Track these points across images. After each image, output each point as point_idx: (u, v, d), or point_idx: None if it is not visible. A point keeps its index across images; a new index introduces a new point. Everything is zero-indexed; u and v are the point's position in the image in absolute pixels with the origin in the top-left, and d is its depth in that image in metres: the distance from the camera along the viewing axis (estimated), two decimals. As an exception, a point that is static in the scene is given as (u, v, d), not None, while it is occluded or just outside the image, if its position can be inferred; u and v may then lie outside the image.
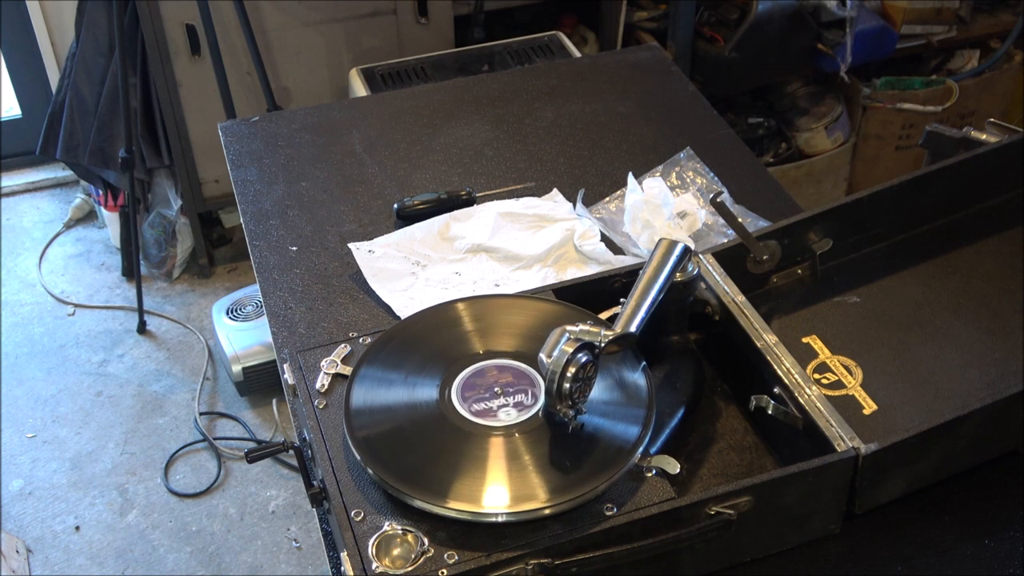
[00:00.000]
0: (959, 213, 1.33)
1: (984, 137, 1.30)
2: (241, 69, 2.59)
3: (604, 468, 0.96)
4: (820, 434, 1.02)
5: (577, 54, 2.51)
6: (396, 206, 1.48)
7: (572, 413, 0.98)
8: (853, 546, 1.05)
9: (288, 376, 1.12)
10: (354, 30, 2.63)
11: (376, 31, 2.64)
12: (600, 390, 1.02)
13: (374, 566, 0.91)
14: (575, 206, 1.47)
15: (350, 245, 1.41)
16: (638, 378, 1.04)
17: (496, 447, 0.98)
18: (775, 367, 1.08)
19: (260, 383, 2.55)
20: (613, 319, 1.04)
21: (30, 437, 2.50)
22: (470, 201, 1.49)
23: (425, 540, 0.92)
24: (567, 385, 0.96)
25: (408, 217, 1.47)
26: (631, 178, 1.48)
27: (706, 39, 2.74)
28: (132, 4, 2.45)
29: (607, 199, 1.50)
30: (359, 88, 2.38)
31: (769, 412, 1.06)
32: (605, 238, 1.42)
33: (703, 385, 1.15)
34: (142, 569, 2.23)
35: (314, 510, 1.12)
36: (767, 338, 1.11)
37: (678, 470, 0.97)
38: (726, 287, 1.17)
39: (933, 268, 1.28)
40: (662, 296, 1.06)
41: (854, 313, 1.24)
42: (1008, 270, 1.27)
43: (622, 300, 1.06)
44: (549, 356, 0.96)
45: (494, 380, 1.03)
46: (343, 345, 1.11)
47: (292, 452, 1.04)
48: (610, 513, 0.94)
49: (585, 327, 0.99)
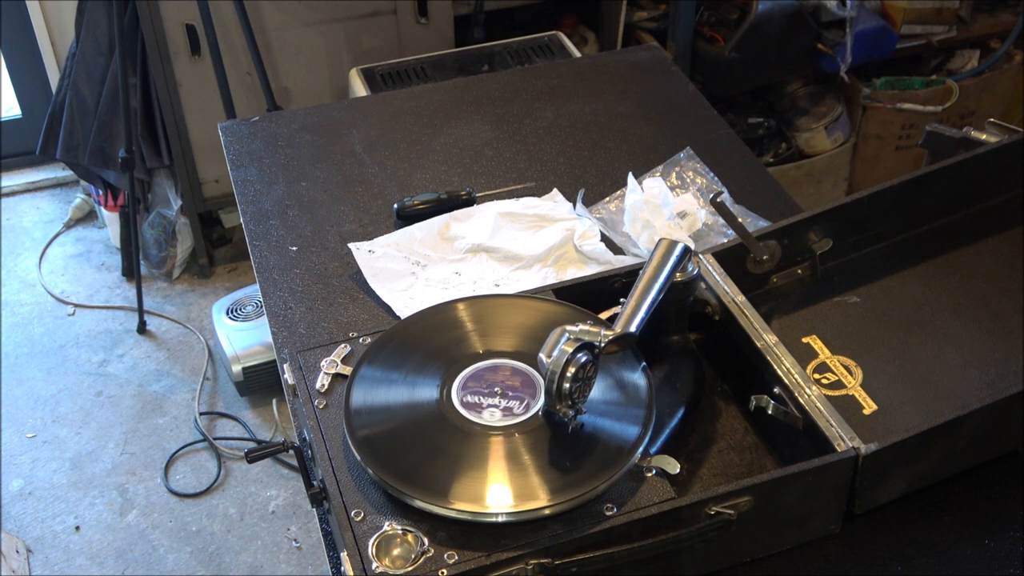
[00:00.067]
0: (959, 213, 1.32)
1: (984, 137, 1.30)
2: (241, 69, 2.59)
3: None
4: (820, 434, 1.02)
5: (577, 54, 2.51)
6: (396, 206, 1.48)
7: (572, 413, 0.98)
8: (853, 546, 1.05)
9: (288, 376, 1.12)
10: (354, 30, 2.63)
11: (376, 31, 2.64)
12: (600, 390, 1.02)
13: (374, 566, 0.91)
14: (575, 206, 1.47)
15: (350, 245, 1.41)
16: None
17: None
18: (775, 367, 1.08)
19: (260, 383, 2.55)
20: (613, 319, 1.04)
21: (30, 437, 2.50)
22: (470, 201, 1.49)
23: (425, 540, 0.92)
24: (567, 385, 0.96)
25: (408, 217, 1.47)
26: (631, 178, 1.48)
27: (706, 39, 2.74)
28: (132, 4, 2.45)
29: (607, 199, 1.50)
30: (359, 88, 2.38)
31: (769, 412, 1.06)
32: (605, 238, 1.42)
33: (703, 385, 1.15)
34: (142, 569, 2.23)
35: (314, 510, 1.12)
36: (767, 338, 1.11)
37: (678, 470, 0.97)
38: (726, 287, 1.16)
39: (933, 268, 1.28)
40: (662, 296, 1.06)
41: (854, 313, 1.24)
42: (1008, 270, 1.27)
43: (622, 300, 1.06)
44: (549, 356, 0.96)
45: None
46: (343, 345, 1.11)
47: (292, 452, 1.04)
48: (610, 513, 0.94)
49: (585, 327, 0.99)
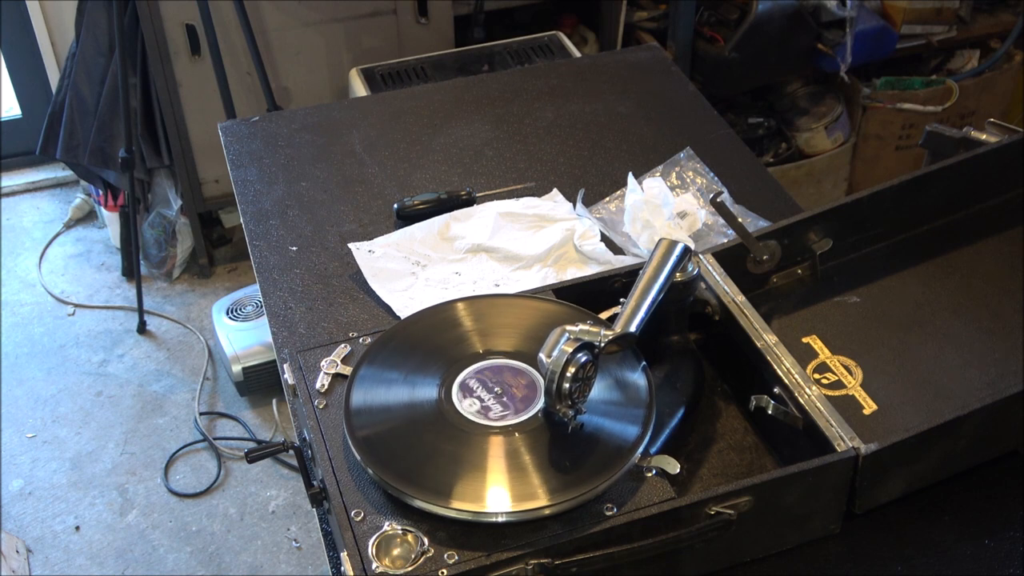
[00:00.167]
0: (959, 213, 1.32)
1: (984, 137, 1.30)
2: (241, 69, 2.59)
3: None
4: (820, 434, 1.02)
5: (577, 54, 2.51)
6: (396, 206, 1.48)
7: (572, 413, 0.98)
8: (853, 546, 1.05)
9: (288, 376, 1.12)
10: (354, 30, 2.63)
11: (376, 31, 2.64)
12: (600, 390, 1.02)
13: (374, 566, 0.91)
14: (575, 206, 1.47)
15: (350, 245, 1.41)
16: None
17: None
18: (775, 367, 1.08)
19: (260, 383, 2.55)
20: (613, 319, 1.04)
21: (30, 437, 2.50)
22: (470, 201, 1.49)
23: (425, 540, 0.92)
24: (567, 385, 0.96)
25: (408, 217, 1.47)
26: (631, 178, 1.48)
27: (706, 39, 2.74)
28: (132, 4, 2.45)
29: (607, 199, 1.50)
30: (359, 88, 2.38)
31: (769, 412, 1.06)
32: (605, 238, 1.42)
33: (703, 385, 1.15)
34: (142, 569, 2.23)
35: (314, 510, 1.12)
36: (767, 338, 1.11)
37: (678, 470, 0.97)
38: (726, 287, 1.16)
39: (933, 268, 1.28)
40: (662, 296, 1.06)
41: (854, 313, 1.24)
42: (1008, 270, 1.27)
43: (622, 300, 1.06)
44: (549, 356, 0.96)
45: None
46: (343, 345, 1.11)
47: (292, 452, 1.04)
48: (610, 513, 0.94)
49: (585, 327, 0.99)
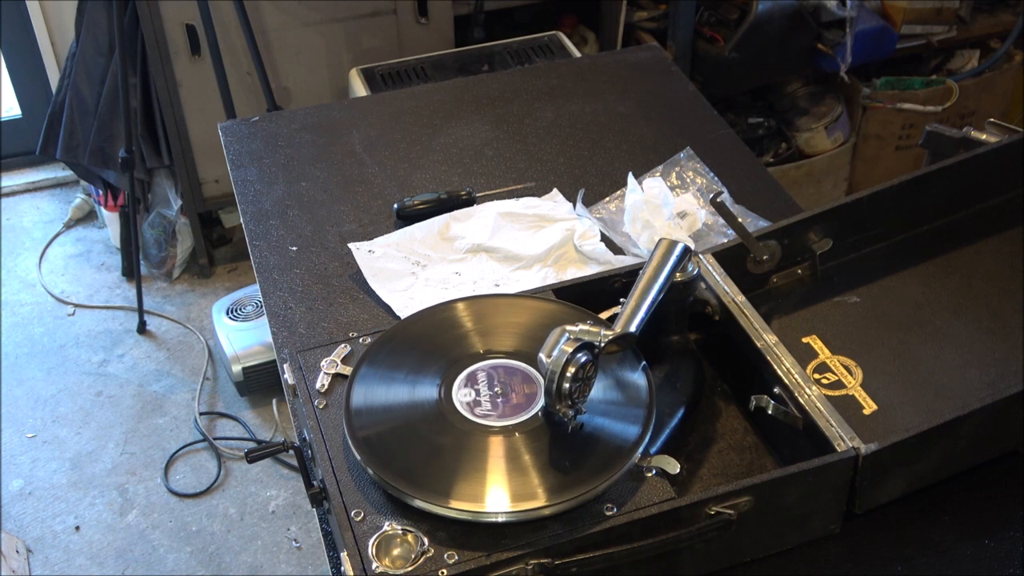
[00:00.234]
0: (959, 213, 1.32)
1: (984, 137, 1.30)
2: (241, 69, 2.59)
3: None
4: (820, 434, 1.02)
5: (577, 54, 2.51)
6: (396, 206, 1.48)
7: (572, 413, 0.98)
8: (853, 546, 1.05)
9: (288, 376, 1.12)
10: (354, 30, 2.63)
11: (376, 31, 2.64)
12: (600, 390, 1.02)
13: (374, 566, 0.91)
14: (575, 206, 1.47)
15: (350, 245, 1.41)
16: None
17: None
18: (775, 367, 1.08)
19: (260, 383, 2.55)
20: (613, 319, 1.04)
21: (30, 437, 2.50)
22: (470, 201, 1.49)
23: (425, 540, 0.92)
24: (567, 385, 0.96)
25: (408, 217, 1.47)
26: (631, 178, 1.48)
27: (706, 39, 2.74)
28: (132, 4, 2.45)
29: (607, 199, 1.50)
30: (359, 88, 2.38)
31: (769, 412, 1.06)
32: (605, 238, 1.42)
33: (703, 385, 1.15)
34: (142, 569, 2.23)
35: (314, 510, 1.12)
36: (767, 338, 1.11)
37: (678, 470, 0.97)
38: (726, 287, 1.16)
39: (933, 268, 1.28)
40: (662, 296, 1.06)
41: (854, 313, 1.24)
42: (1008, 270, 1.27)
43: (622, 300, 1.06)
44: (549, 356, 0.96)
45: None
46: (343, 345, 1.11)
47: (292, 452, 1.04)
48: (610, 513, 0.94)
49: (585, 327, 0.99)
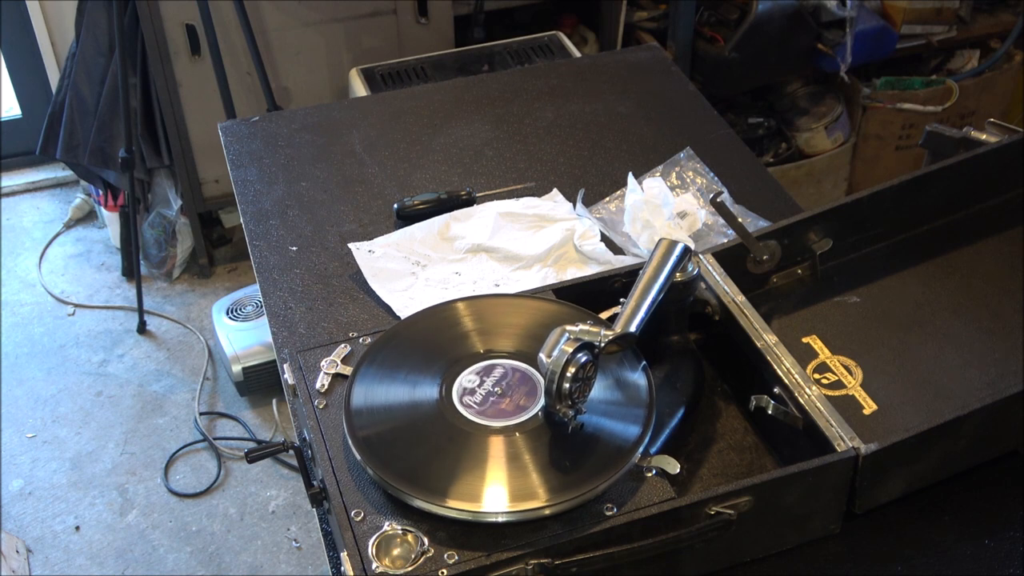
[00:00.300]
0: (959, 213, 1.32)
1: (984, 137, 1.30)
2: (241, 69, 2.59)
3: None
4: (820, 434, 1.02)
5: (577, 54, 2.51)
6: (396, 206, 1.48)
7: (572, 413, 0.98)
8: (853, 546, 1.05)
9: (288, 376, 1.12)
10: (354, 30, 2.63)
11: (376, 31, 2.64)
12: (600, 390, 1.02)
13: (374, 566, 0.91)
14: (575, 206, 1.47)
15: (350, 245, 1.41)
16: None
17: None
18: (775, 367, 1.08)
19: (260, 383, 2.55)
20: (613, 319, 1.04)
21: (30, 437, 2.50)
22: (470, 201, 1.49)
23: (425, 540, 0.92)
24: (567, 385, 0.96)
25: (408, 217, 1.47)
26: (631, 178, 1.48)
27: (706, 39, 2.74)
28: (132, 4, 2.45)
29: (607, 199, 1.50)
30: (359, 88, 2.38)
31: (769, 412, 1.06)
32: (605, 238, 1.42)
33: (703, 385, 1.15)
34: (142, 569, 2.23)
35: (314, 510, 1.12)
36: (767, 338, 1.11)
37: (678, 470, 0.97)
38: (726, 287, 1.16)
39: (933, 268, 1.28)
40: (662, 296, 1.06)
41: (854, 313, 1.24)
42: (1008, 270, 1.27)
43: (622, 300, 1.06)
44: (549, 356, 0.96)
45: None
46: (343, 345, 1.11)
47: (292, 452, 1.04)
48: (610, 513, 0.94)
49: (585, 327, 0.99)
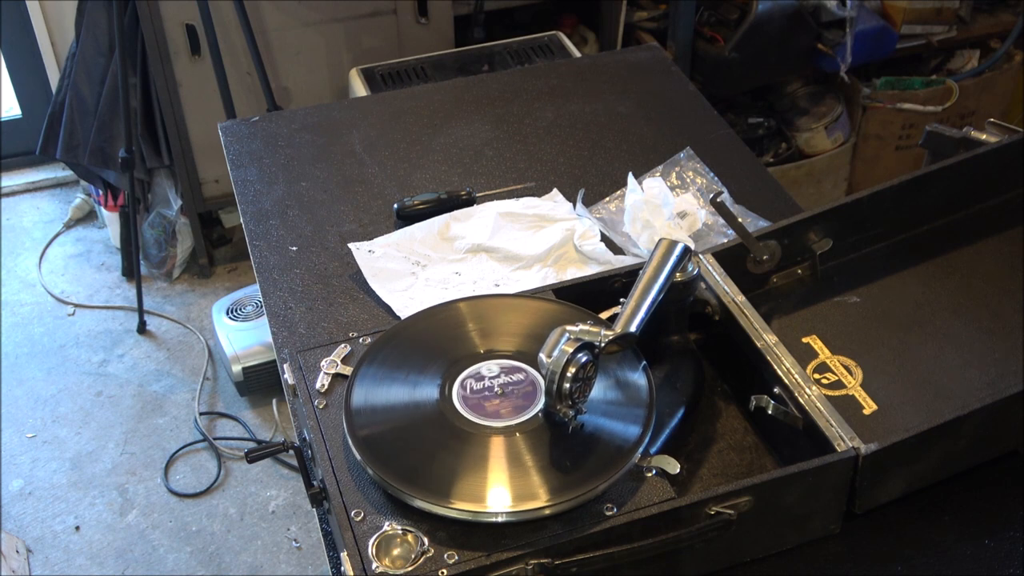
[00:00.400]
0: (959, 213, 1.32)
1: (984, 137, 1.30)
2: (241, 69, 2.59)
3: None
4: (820, 434, 1.02)
5: (577, 54, 2.51)
6: (396, 206, 1.48)
7: (572, 413, 0.98)
8: (853, 546, 1.05)
9: (288, 376, 1.12)
10: (354, 30, 2.63)
11: (376, 31, 2.64)
12: (600, 390, 1.02)
13: (374, 566, 0.91)
14: (575, 206, 1.47)
15: (350, 245, 1.41)
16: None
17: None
18: (775, 367, 1.08)
19: (260, 383, 2.55)
20: (613, 319, 1.04)
21: (30, 437, 2.50)
22: (470, 201, 1.49)
23: (425, 540, 0.92)
24: (567, 385, 0.96)
25: (408, 217, 1.47)
26: (631, 178, 1.48)
27: (706, 39, 2.74)
28: (132, 4, 2.45)
29: (607, 199, 1.50)
30: (359, 88, 2.38)
31: (769, 412, 1.06)
32: (605, 238, 1.42)
33: (703, 385, 1.15)
34: (142, 569, 2.23)
35: (314, 510, 1.12)
36: (767, 338, 1.11)
37: (678, 470, 0.97)
38: (726, 287, 1.16)
39: (933, 268, 1.28)
40: (662, 296, 1.06)
41: (854, 313, 1.24)
42: (1008, 270, 1.27)
43: (622, 300, 1.06)
44: (549, 356, 0.96)
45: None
46: (343, 345, 1.11)
47: (292, 452, 1.04)
48: (610, 513, 0.94)
49: (585, 327, 0.99)
